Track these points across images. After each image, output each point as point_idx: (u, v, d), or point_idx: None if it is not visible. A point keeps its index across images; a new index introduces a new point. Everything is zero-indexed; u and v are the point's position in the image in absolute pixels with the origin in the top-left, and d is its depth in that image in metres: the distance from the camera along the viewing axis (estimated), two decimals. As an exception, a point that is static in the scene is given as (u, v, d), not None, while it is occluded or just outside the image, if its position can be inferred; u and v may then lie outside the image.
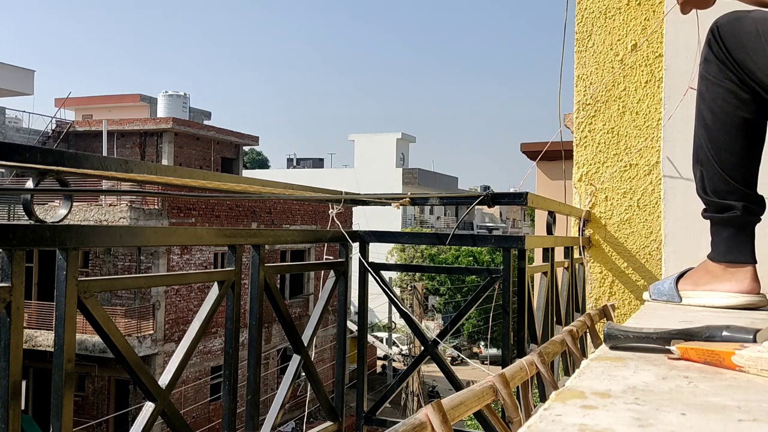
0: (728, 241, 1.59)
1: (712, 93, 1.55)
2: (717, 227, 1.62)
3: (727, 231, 1.59)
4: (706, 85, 1.57)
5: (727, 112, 1.53)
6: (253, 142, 27.76)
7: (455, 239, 2.20)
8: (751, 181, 1.57)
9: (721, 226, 1.60)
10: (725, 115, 1.53)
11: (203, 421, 17.21)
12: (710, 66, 1.55)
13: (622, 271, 3.10)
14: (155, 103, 29.71)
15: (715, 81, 1.54)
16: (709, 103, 1.56)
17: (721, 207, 1.59)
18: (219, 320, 2.35)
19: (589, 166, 3.17)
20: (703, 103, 1.59)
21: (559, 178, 3.45)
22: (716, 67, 1.53)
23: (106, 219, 15.94)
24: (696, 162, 1.63)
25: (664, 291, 1.72)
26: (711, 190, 1.59)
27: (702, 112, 1.59)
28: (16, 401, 1.05)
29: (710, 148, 1.57)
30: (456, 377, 2.21)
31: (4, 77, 23.85)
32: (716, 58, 1.52)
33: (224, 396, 1.65)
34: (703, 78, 1.58)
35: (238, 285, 1.62)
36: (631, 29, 3.11)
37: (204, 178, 1.45)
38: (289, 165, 52.09)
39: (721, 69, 1.52)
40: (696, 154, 1.62)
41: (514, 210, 53.06)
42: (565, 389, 0.81)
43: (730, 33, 1.48)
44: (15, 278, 1.05)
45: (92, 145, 24.01)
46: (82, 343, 14.63)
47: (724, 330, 1.00)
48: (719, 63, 1.52)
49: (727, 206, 1.57)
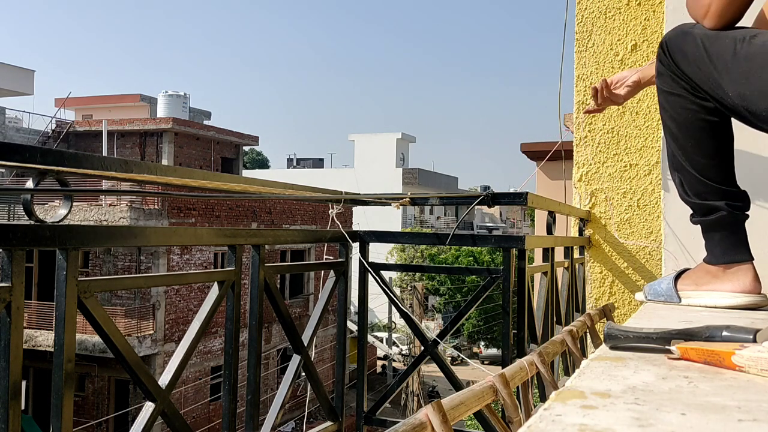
0: (722, 243, 1.59)
1: (671, 103, 1.59)
2: (708, 231, 1.62)
3: (719, 233, 1.60)
4: (664, 97, 1.61)
5: (688, 119, 1.56)
6: (253, 142, 27.77)
7: (455, 239, 2.20)
8: (728, 178, 1.58)
9: (712, 229, 1.61)
10: (687, 122, 1.57)
11: (203, 421, 17.21)
12: (664, 79, 1.59)
13: (622, 271, 3.10)
14: (155, 103, 29.71)
15: (671, 92, 1.58)
16: (670, 112, 1.60)
17: (706, 210, 1.60)
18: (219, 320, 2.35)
19: (589, 166, 3.17)
20: (665, 113, 1.62)
21: (559, 178, 3.45)
22: (669, 79, 1.58)
23: (106, 219, 15.94)
24: (672, 169, 1.66)
25: (662, 291, 1.72)
26: (693, 194, 1.61)
27: (666, 122, 1.63)
28: (16, 401, 1.05)
29: (681, 154, 1.60)
30: (456, 377, 2.21)
31: (4, 77, 23.84)
32: (668, 70, 1.57)
33: (224, 396, 1.65)
34: (660, 91, 1.63)
35: (238, 285, 1.62)
36: (631, 29, 3.11)
37: (204, 178, 1.45)
38: (289, 165, 52.11)
39: (674, 79, 1.56)
40: (671, 162, 1.66)
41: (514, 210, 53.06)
42: (565, 389, 0.81)
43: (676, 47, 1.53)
44: (15, 278, 1.05)
45: (92, 145, 24.01)
46: (82, 343, 14.63)
47: (724, 330, 1.00)
48: (671, 75, 1.56)
49: (712, 207, 1.58)
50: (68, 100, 28.15)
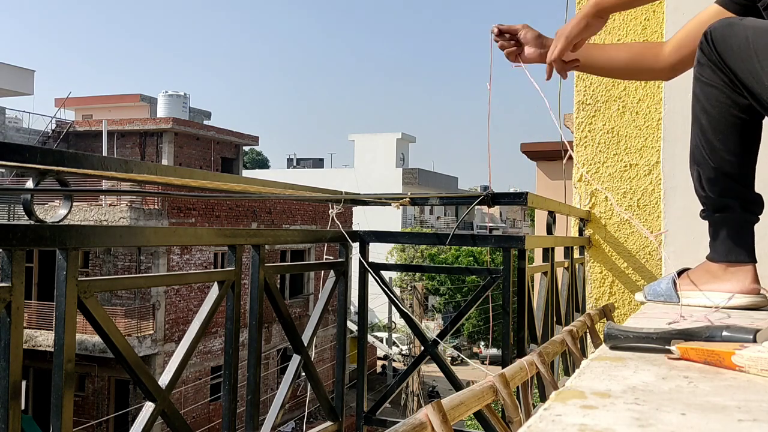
0: (727, 241, 1.59)
1: (706, 94, 1.57)
2: (716, 227, 1.62)
3: (726, 231, 1.59)
4: (700, 87, 1.59)
5: (721, 112, 1.55)
6: (253, 142, 27.76)
7: (455, 239, 2.20)
8: (747, 179, 1.58)
9: (720, 226, 1.61)
10: (719, 115, 1.55)
11: (203, 421, 17.20)
12: (703, 69, 1.57)
13: (622, 271, 3.10)
14: (155, 103, 29.69)
15: (708, 83, 1.56)
16: (703, 104, 1.58)
17: (719, 206, 1.59)
18: (219, 320, 2.35)
19: (589, 166, 3.17)
20: (697, 104, 1.60)
21: (559, 178, 3.45)
22: (709, 70, 1.55)
23: (106, 219, 15.94)
24: (693, 162, 1.64)
25: (661, 292, 1.72)
26: (708, 190, 1.60)
27: (697, 113, 1.61)
28: (16, 401, 1.05)
29: (706, 148, 1.58)
30: (456, 377, 2.21)
31: (4, 77, 23.83)
32: (708, 61, 1.55)
33: (224, 396, 1.65)
34: (697, 80, 1.60)
35: (238, 285, 1.62)
36: (631, 29, 3.11)
37: (204, 178, 1.45)
38: (289, 165, 52.10)
39: (713, 71, 1.54)
40: (692, 155, 1.64)
41: (514, 210, 53.06)
42: (565, 389, 0.81)
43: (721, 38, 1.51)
44: (15, 278, 1.05)
45: (92, 145, 24.00)
46: (82, 343, 14.62)
47: (724, 330, 1.00)
48: (712, 66, 1.54)
49: (725, 205, 1.58)
50: (68, 100, 28.14)
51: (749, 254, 1.59)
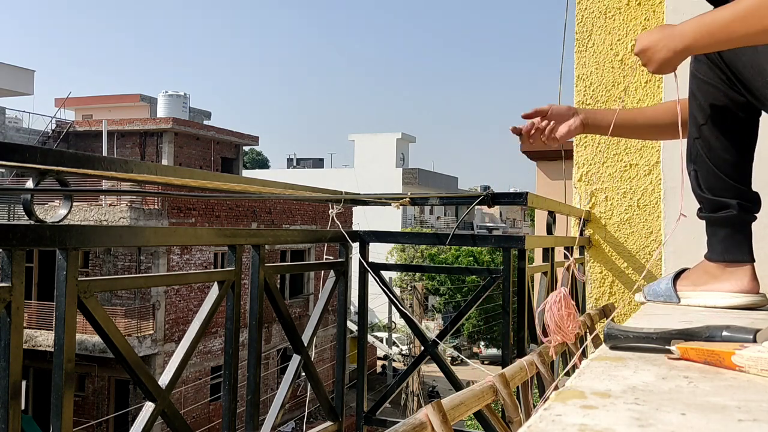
0: (725, 241, 1.59)
1: (703, 91, 1.57)
2: (713, 227, 1.62)
3: (724, 230, 1.59)
4: (697, 84, 1.59)
5: (718, 110, 1.54)
6: (253, 142, 27.76)
7: (455, 239, 2.20)
8: (744, 178, 1.58)
9: (718, 225, 1.60)
10: (716, 113, 1.55)
11: (203, 421, 17.20)
12: (700, 65, 1.57)
13: (622, 271, 3.10)
14: (155, 103, 29.69)
15: (705, 80, 1.55)
16: (700, 101, 1.58)
17: (716, 205, 1.59)
18: (219, 320, 2.35)
19: (589, 166, 3.17)
20: (694, 102, 1.60)
21: (559, 178, 3.45)
22: (706, 66, 1.55)
23: (106, 219, 15.94)
24: (690, 161, 1.63)
25: (661, 292, 1.72)
26: (706, 188, 1.60)
27: (693, 111, 1.60)
28: (16, 401, 1.05)
29: (702, 146, 1.58)
30: (456, 377, 2.21)
31: (4, 77, 23.83)
32: (706, 57, 1.54)
33: (224, 396, 1.65)
34: (693, 76, 1.60)
35: (238, 285, 1.62)
36: (631, 29, 3.11)
37: (204, 178, 1.45)
38: (289, 165, 52.08)
39: (711, 68, 1.54)
40: (689, 153, 1.63)
41: (514, 210, 53.05)
42: (565, 389, 0.81)
43: None
44: (15, 278, 1.05)
45: (92, 145, 24.00)
46: (82, 343, 14.62)
47: (724, 330, 1.00)
48: (709, 62, 1.54)
49: (723, 204, 1.57)
50: (68, 100, 28.13)
51: (747, 253, 1.58)
